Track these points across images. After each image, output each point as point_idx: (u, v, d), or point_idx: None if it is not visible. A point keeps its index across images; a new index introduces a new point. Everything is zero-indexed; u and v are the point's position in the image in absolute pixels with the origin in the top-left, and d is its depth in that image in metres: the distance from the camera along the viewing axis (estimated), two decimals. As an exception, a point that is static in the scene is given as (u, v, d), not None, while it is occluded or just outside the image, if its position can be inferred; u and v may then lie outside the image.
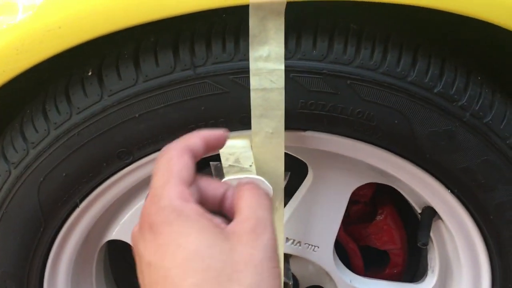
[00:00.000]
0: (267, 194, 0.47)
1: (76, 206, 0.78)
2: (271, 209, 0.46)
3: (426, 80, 0.70)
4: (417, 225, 0.91)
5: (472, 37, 0.80)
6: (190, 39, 0.68)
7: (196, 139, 0.48)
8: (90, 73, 0.71)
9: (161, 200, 0.42)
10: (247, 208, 0.44)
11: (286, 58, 0.66)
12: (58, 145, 0.73)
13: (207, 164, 0.86)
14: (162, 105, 0.70)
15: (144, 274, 0.41)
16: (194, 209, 0.42)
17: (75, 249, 0.85)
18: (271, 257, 0.41)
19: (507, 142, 0.75)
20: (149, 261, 0.41)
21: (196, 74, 0.68)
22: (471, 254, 0.87)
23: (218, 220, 0.44)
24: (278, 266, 0.42)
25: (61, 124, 0.72)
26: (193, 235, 0.40)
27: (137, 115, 0.70)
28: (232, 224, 0.44)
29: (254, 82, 0.66)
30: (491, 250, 0.84)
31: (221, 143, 0.50)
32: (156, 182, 0.44)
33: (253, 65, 0.66)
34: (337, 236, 0.93)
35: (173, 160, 0.45)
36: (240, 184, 0.48)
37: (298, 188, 0.88)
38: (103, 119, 0.71)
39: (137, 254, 0.43)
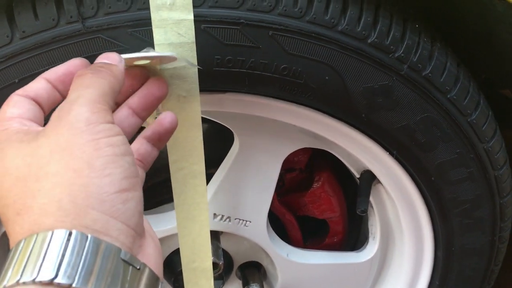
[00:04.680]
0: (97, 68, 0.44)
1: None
2: (110, 74, 0.44)
3: (359, 29, 0.62)
4: (356, 189, 0.84)
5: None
6: (76, -16, 0.56)
7: (37, 79, 0.46)
8: (-47, 31, 0.57)
9: None
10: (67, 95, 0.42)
11: (195, 6, 0.56)
12: None
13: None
14: (47, 67, 0.58)
15: None
16: (15, 129, 0.40)
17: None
18: (83, 130, 0.38)
19: (448, 96, 0.68)
20: None
21: (85, 28, 0.56)
22: (413, 218, 0.83)
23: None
24: (100, 137, 0.38)
25: None
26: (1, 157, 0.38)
27: (16, 81, 0.59)
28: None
29: (158, 36, 0.55)
30: (433, 213, 0.80)
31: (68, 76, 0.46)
32: None
33: (155, 15, 0.55)
34: (272, 208, 0.86)
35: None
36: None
37: (224, 158, 0.78)
38: (-26, 87, 0.58)
39: None
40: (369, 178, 0.82)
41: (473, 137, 0.72)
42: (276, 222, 0.91)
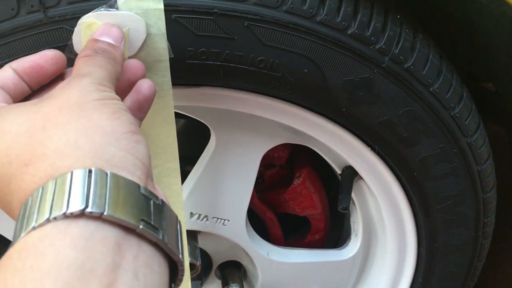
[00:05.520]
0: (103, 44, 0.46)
1: None
2: (113, 58, 0.46)
3: (338, 20, 0.59)
4: (336, 184, 0.82)
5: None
6: (36, -29, 0.53)
7: (3, 68, 0.46)
8: None
9: None
10: (73, 73, 0.43)
11: (165, -6, 0.52)
12: None
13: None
14: (7, 60, 0.54)
15: None
16: None
17: None
18: (93, 91, 0.40)
19: (431, 89, 0.66)
20: None
21: (47, 18, 0.53)
22: (395, 215, 0.81)
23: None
24: (107, 98, 0.40)
25: None
26: None
27: (-26, 75, 0.54)
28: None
29: (125, 26, 0.52)
30: (415, 209, 0.78)
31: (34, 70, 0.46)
32: None
33: (122, 5, 0.52)
34: (251, 205, 0.83)
35: None
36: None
37: (200, 155, 0.75)
38: None
39: None
40: (351, 174, 0.80)
41: (456, 131, 0.70)
42: (256, 220, 0.88)
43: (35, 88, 0.47)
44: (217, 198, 0.77)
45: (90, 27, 0.51)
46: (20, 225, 0.33)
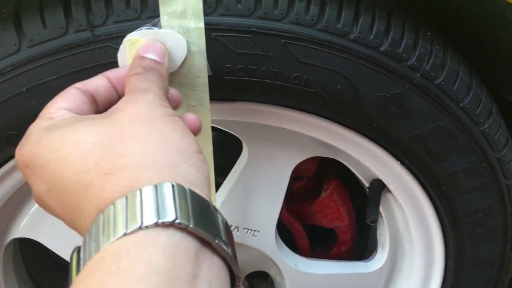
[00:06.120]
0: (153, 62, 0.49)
1: (-39, 204, 0.65)
2: (161, 75, 0.48)
3: (371, 37, 0.61)
4: (364, 198, 0.83)
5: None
6: (85, -8, 0.55)
7: (98, 76, 0.49)
8: (-40, 39, 0.56)
9: (27, 140, 0.42)
10: (129, 88, 0.45)
11: (205, 14, 0.55)
12: None
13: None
14: (55, 76, 0.57)
15: (48, 201, 0.41)
16: (59, 117, 0.43)
17: (-30, 254, 0.71)
18: (159, 107, 0.42)
19: (461, 105, 0.67)
20: (47, 188, 0.40)
21: (94, 36, 0.56)
22: (423, 228, 0.81)
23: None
24: (171, 114, 0.43)
25: None
26: (66, 133, 0.40)
27: (24, 90, 0.57)
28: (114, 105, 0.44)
29: (168, 44, 0.54)
30: (444, 223, 0.79)
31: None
32: None
33: (165, 23, 0.54)
34: (279, 217, 0.84)
35: None
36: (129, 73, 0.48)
37: (232, 167, 0.77)
38: (-19, 96, 0.57)
39: (36, 197, 0.43)
40: (379, 187, 0.81)
41: (485, 146, 0.71)
42: (283, 231, 0.90)
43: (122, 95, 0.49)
44: (248, 209, 0.79)
45: (135, 44, 0.53)
46: (104, 230, 0.34)
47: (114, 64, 0.56)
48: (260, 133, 0.72)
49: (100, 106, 0.47)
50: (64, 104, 0.44)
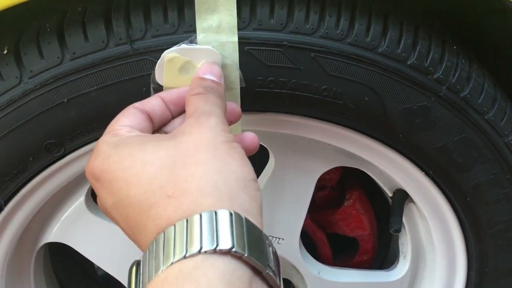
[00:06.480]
0: (212, 82, 0.51)
1: (1, 208, 0.67)
2: (220, 95, 0.50)
3: (399, 51, 0.63)
4: (384, 206, 0.84)
5: (445, 2, 0.73)
6: (125, 7, 0.58)
7: (154, 97, 0.52)
8: (5, 51, 0.59)
9: (97, 155, 0.45)
10: (192, 109, 0.47)
11: (239, 29, 0.57)
12: (-28, 138, 0.61)
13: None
14: (95, 87, 0.59)
15: (113, 213, 0.43)
16: (125, 134, 0.45)
17: (6, 257, 0.74)
18: (221, 133, 0.44)
19: (486, 117, 0.68)
20: (113, 201, 0.42)
21: (133, 50, 0.58)
22: (446, 238, 0.82)
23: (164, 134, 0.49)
24: (231, 140, 0.45)
25: (-27, 113, 0.60)
26: (134, 153, 0.42)
27: (65, 100, 0.60)
28: (179, 127, 0.47)
29: (203, 57, 0.56)
30: (467, 233, 0.79)
31: (181, 100, 0.52)
32: None
33: (201, 38, 0.56)
34: (303, 225, 0.86)
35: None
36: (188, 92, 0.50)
37: (259, 176, 0.79)
38: (24, 106, 0.60)
39: (102, 207, 0.46)
40: (402, 197, 0.82)
41: (509, 158, 0.72)
42: (305, 239, 0.91)
43: (176, 117, 0.52)
44: (273, 217, 0.80)
45: (172, 60, 0.56)
46: (164, 249, 0.36)
47: (151, 76, 0.58)
48: (286, 143, 0.74)
49: (156, 124, 0.50)
50: (127, 121, 0.47)
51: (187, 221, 0.37)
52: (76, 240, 0.79)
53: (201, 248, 0.35)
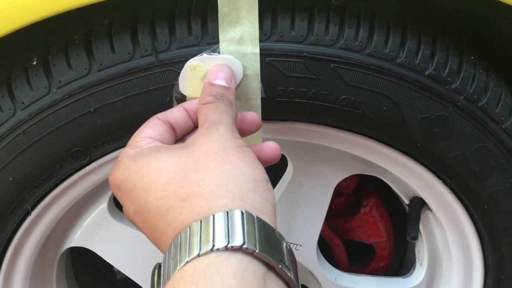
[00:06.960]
0: (222, 89, 0.53)
1: (28, 214, 0.69)
2: (230, 101, 0.52)
3: (417, 62, 0.64)
4: (400, 214, 0.85)
5: (462, 13, 0.73)
6: (150, 20, 0.60)
7: (177, 107, 0.54)
8: (35, 63, 0.61)
9: (119, 166, 0.47)
10: (203, 118, 0.49)
11: (261, 40, 0.59)
12: (2, 146, 0.63)
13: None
14: (121, 97, 0.61)
15: (136, 220, 0.45)
16: (145, 145, 0.48)
17: (30, 260, 0.76)
18: (230, 139, 0.46)
19: (503, 126, 0.69)
20: (134, 208, 0.45)
21: (158, 61, 0.60)
22: (463, 246, 0.82)
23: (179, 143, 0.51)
24: (241, 145, 0.46)
25: (4, 122, 0.62)
26: (150, 161, 0.45)
27: (92, 110, 0.62)
28: (191, 136, 0.49)
29: (225, 67, 0.58)
30: (484, 241, 0.80)
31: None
32: None
33: (224, 48, 0.58)
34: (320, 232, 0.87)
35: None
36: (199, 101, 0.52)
37: (277, 183, 0.80)
38: (52, 115, 0.62)
39: (126, 215, 0.47)
40: (419, 204, 0.83)
41: (527, 167, 0.72)
42: (322, 245, 0.92)
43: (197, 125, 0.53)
44: (291, 224, 0.82)
45: (195, 69, 0.57)
46: (181, 249, 0.38)
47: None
48: (305, 151, 0.75)
49: (178, 134, 0.52)
50: (149, 133, 0.49)
51: (201, 222, 0.39)
52: (99, 245, 0.81)
53: (213, 246, 0.37)
